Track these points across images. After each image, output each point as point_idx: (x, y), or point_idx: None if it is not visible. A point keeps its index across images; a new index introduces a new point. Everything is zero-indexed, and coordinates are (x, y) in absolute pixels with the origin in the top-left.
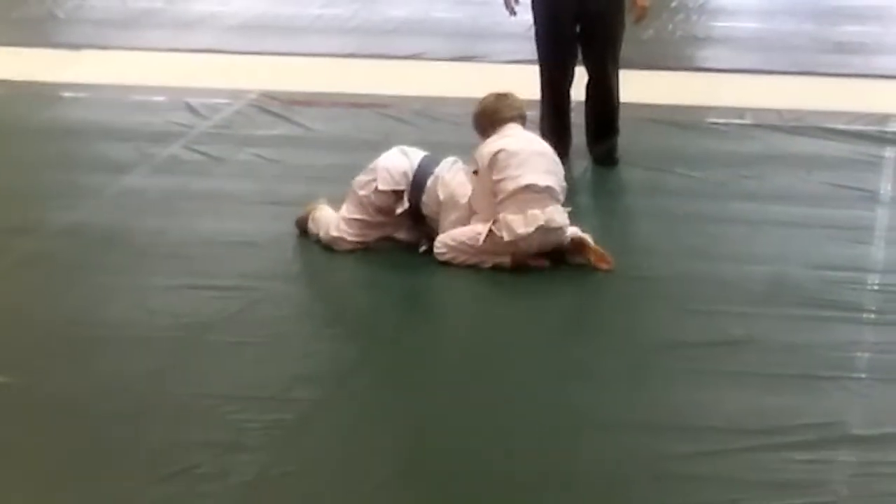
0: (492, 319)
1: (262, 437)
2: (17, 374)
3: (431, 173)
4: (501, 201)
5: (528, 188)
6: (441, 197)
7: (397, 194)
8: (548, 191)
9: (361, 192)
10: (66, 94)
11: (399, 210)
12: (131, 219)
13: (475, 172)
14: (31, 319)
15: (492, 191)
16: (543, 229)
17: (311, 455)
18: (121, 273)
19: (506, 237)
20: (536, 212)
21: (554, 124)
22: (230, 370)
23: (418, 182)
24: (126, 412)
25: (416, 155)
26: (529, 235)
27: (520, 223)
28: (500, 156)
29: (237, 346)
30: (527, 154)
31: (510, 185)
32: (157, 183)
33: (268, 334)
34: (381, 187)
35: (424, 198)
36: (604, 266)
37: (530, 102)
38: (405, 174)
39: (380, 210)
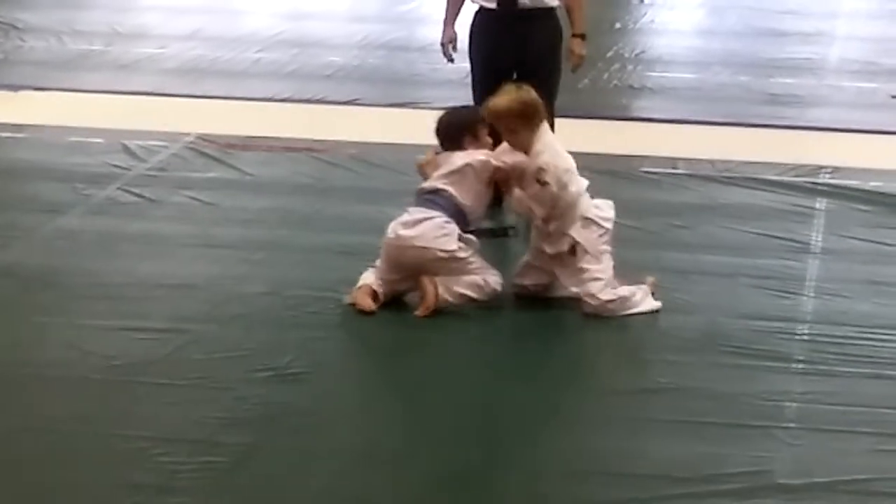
0: (423, 363)
1: (192, 480)
2: None
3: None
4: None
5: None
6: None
7: None
8: None
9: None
10: (4, 135)
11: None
12: (66, 260)
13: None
14: None
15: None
16: None
17: (241, 499)
18: (53, 314)
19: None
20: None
21: None
22: (161, 412)
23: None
24: (54, 453)
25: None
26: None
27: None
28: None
29: (169, 388)
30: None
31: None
32: (92, 224)
33: (200, 377)
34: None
35: None
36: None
37: None
38: None
39: None
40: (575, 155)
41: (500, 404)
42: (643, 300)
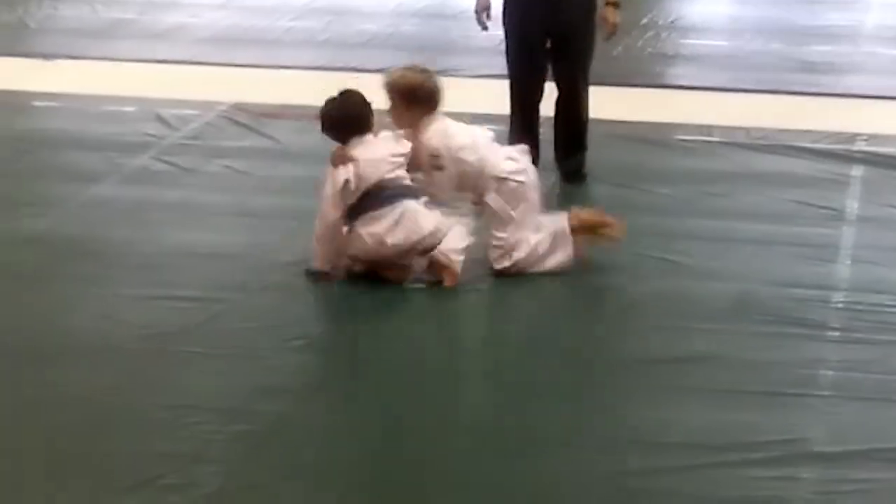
0: (454, 335)
1: (226, 448)
2: None
3: None
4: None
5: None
6: None
7: None
8: None
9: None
10: (38, 104)
11: None
12: (99, 228)
13: (441, 167)
14: None
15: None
16: None
17: (274, 467)
18: (87, 283)
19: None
20: None
21: (523, 140)
22: (195, 381)
23: None
24: (89, 422)
25: None
26: None
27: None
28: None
29: (203, 357)
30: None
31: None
32: (126, 193)
33: (233, 346)
34: None
35: None
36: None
37: (500, 117)
38: None
39: None
40: (609, 122)
41: (531, 374)
42: (553, 252)
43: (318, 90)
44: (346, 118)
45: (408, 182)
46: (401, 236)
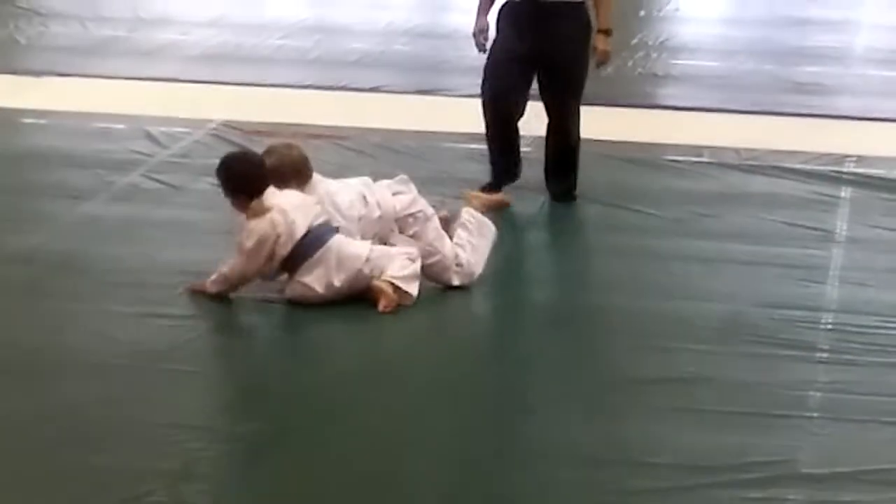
0: (440, 351)
1: (214, 466)
2: None
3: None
4: None
5: None
6: None
7: None
8: None
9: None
10: (27, 121)
11: None
12: (89, 246)
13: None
14: None
15: None
16: None
17: (263, 486)
18: (76, 300)
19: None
20: None
21: (500, 161)
22: (184, 399)
23: None
24: (78, 439)
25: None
26: None
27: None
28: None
29: (192, 374)
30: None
31: None
32: (115, 211)
33: (223, 364)
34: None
35: None
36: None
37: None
38: None
39: None
40: (599, 143)
41: (519, 391)
42: (481, 240)
43: (308, 108)
44: (253, 172)
45: (326, 220)
46: (344, 273)
